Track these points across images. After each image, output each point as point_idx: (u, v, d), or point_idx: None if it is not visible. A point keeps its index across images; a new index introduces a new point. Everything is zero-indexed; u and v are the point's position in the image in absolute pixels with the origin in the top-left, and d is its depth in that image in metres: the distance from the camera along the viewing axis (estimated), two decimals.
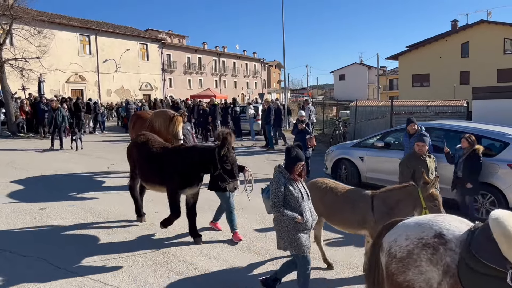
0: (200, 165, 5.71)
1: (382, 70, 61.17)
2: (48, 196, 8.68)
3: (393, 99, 16.04)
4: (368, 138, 9.76)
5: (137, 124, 9.83)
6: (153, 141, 6.40)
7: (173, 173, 5.80)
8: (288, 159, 4.23)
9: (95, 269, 5.18)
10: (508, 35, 32.61)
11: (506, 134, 7.43)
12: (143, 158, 6.32)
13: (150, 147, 6.26)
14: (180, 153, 5.95)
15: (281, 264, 4.83)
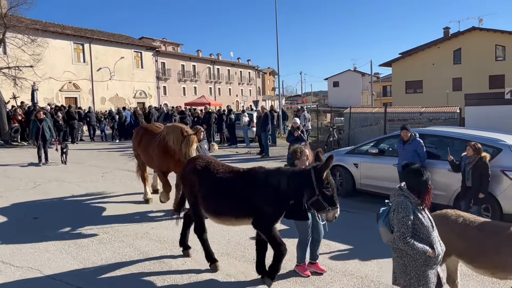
0: (294, 192, 4.64)
1: (375, 77, 61.57)
2: (41, 205, 8.61)
3: (386, 106, 16.14)
4: (362, 144, 9.80)
5: (145, 139, 8.49)
6: (215, 164, 5.26)
7: (264, 205, 4.70)
8: (420, 181, 3.57)
9: (89, 280, 5.12)
10: (499, 41, 32.99)
11: (498, 140, 7.48)
12: (210, 188, 5.08)
13: (216, 173, 5.08)
14: (267, 178, 4.76)
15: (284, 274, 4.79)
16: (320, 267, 5.39)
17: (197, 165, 5.32)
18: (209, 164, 5.26)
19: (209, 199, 5.10)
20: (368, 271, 5.41)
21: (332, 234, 5.78)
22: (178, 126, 7.51)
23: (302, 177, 4.57)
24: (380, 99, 54.14)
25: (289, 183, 4.62)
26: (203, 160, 5.40)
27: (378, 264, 5.61)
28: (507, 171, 6.99)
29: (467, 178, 6.92)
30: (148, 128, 9.00)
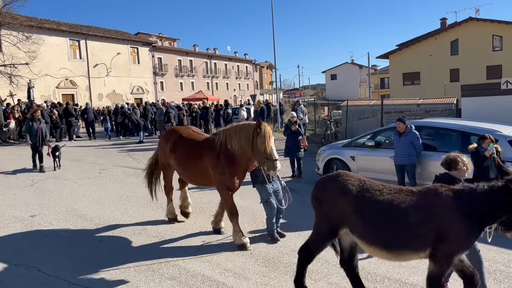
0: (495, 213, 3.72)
1: (373, 69, 61.43)
2: (38, 203, 8.61)
3: (383, 99, 16.12)
4: (359, 137, 9.80)
5: (181, 147, 6.53)
6: (371, 182, 4.19)
7: (456, 232, 3.69)
8: None
9: (86, 276, 5.13)
10: (496, 31, 32.92)
11: (495, 131, 7.49)
12: (374, 214, 3.93)
13: (380, 194, 3.97)
14: (459, 198, 3.72)
15: (274, 266, 4.80)
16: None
17: (350, 184, 4.12)
18: (362, 182, 4.14)
19: (367, 226, 3.96)
20: (365, 263, 5.43)
21: None
22: (245, 122, 6.08)
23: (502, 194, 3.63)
24: (377, 91, 54.12)
25: (490, 202, 3.67)
26: (353, 178, 4.22)
27: None
28: (505, 162, 7.01)
29: (492, 169, 6.82)
30: (183, 133, 6.74)
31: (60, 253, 5.92)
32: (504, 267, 5.37)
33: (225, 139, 5.94)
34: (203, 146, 6.28)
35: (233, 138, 5.84)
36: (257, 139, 5.55)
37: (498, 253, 5.85)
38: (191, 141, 6.51)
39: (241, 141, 5.73)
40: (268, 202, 6.14)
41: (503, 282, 4.94)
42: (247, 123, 5.96)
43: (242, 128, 5.83)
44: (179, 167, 6.63)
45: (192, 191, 9.51)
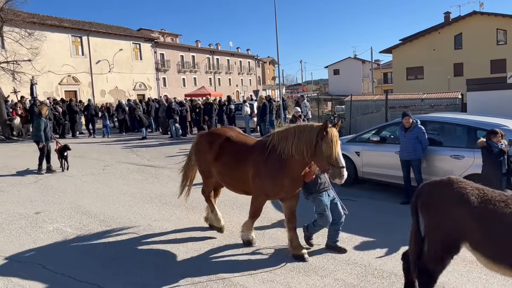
0: None
1: (376, 64, 61.20)
2: (42, 199, 8.61)
3: (387, 93, 16.01)
4: (363, 132, 9.73)
5: (228, 151, 5.77)
6: (487, 191, 3.65)
7: None
8: None
9: (92, 273, 5.12)
10: (500, 25, 32.69)
11: (501, 125, 7.40)
12: (502, 229, 3.41)
13: (500, 205, 3.47)
14: None
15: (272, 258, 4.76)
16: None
17: (465, 192, 3.61)
18: (483, 191, 3.63)
19: (503, 247, 3.41)
20: (371, 259, 5.39)
21: None
22: (302, 125, 5.32)
23: None
24: (381, 86, 53.89)
25: None
26: (470, 186, 3.69)
27: (381, 252, 5.59)
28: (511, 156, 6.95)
29: (503, 164, 6.74)
30: (232, 135, 5.95)
31: (65, 250, 5.91)
32: None
33: (277, 142, 5.23)
34: (251, 149, 5.57)
35: (288, 141, 5.09)
36: (322, 143, 4.81)
37: None
38: (240, 143, 5.78)
39: (301, 145, 4.97)
40: (323, 215, 5.51)
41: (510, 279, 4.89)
42: (308, 125, 5.15)
43: (303, 130, 5.06)
44: (225, 175, 5.83)
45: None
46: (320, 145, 4.82)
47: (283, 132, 5.27)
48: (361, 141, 9.29)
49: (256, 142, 5.74)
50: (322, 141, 4.80)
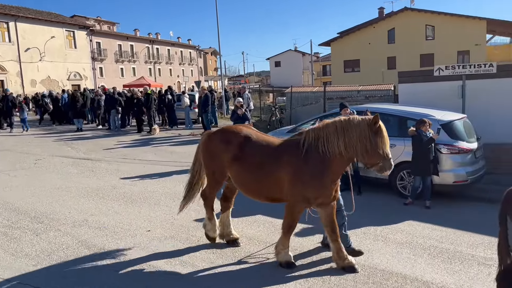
0: None
1: (315, 56, 62.73)
2: None
3: (325, 85, 16.55)
4: (303, 123, 9.95)
5: (252, 153, 5.06)
6: None
7: None
8: None
9: (23, 273, 4.83)
10: (429, 21, 34.69)
11: (429, 116, 7.89)
12: None
13: None
14: None
15: (222, 251, 4.78)
16: None
17: None
18: None
19: None
20: (310, 245, 5.57)
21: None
22: (342, 119, 4.67)
23: None
24: (320, 78, 55.41)
25: None
26: None
27: (321, 238, 5.78)
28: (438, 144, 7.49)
29: (431, 152, 7.32)
30: (252, 134, 5.23)
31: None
32: (437, 243, 5.72)
33: (315, 139, 4.68)
34: (282, 149, 4.92)
35: (335, 138, 4.57)
36: (376, 137, 4.50)
37: (432, 230, 6.23)
38: (265, 143, 5.08)
39: (353, 141, 4.52)
40: (340, 211, 5.29)
41: (437, 257, 5.27)
42: (353, 119, 4.63)
43: (351, 126, 4.56)
44: (245, 179, 5.12)
45: (147, 179, 9.28)
46: (373, 139, 4.50)
47: (321, 130, 4.69)
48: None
49: (285, 141, 5.08)
50: (376, 135, 4.51)
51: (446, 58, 29.42)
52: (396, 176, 7.84)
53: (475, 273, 4.84)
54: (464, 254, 5.35)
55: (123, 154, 12.52)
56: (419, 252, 5.41)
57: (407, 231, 6.15)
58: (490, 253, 5.40)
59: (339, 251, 4.86)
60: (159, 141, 15.08)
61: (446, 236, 6.02)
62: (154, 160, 11.61)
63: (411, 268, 4.92)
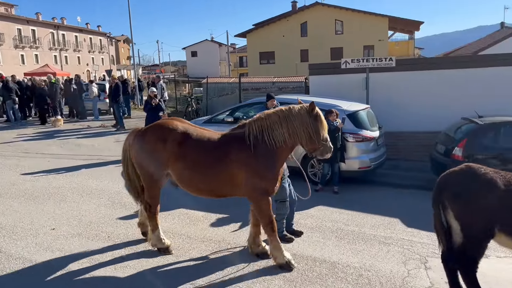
0: None
1: (232, 47, 62.85)
2: None
3: (241, 76, 16.69)
4: (218, 114, 9.97)
5: (194, 149, 4.78)
6: (501, 173, 3.85)
7: None
8: None
9: None
10: (338, 17, 36.47)
11: (336, 106, 8.34)
12: None
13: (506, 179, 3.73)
14: None
15: (140, 250, 4.63)
16: None
17: (492, 177, 3.74)
18: (500, 173, 3.81)
19: None
20: (225, 234, 5.61)
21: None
22: (285, 109, 4.72)
23: None
24: (237, 69, 55.68)
25: None
26: (491, 170, 3.84)
27: (235, 227, 5.85)
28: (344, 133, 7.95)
29: (338, 140, 7.70)
30: (190, 129, 4.93)
31: None
32: (344, 226, 6.10)
33: (261, 131, 4.62)
34: (227, 144, 4.73)
35: (279, 128, 4.60)
36: (316, 123, 4.65)
37: (340, 214, 6.62)
38: (207, 139, 4.82)
39: (298, 129, 4.61)
40: (285, 203, 5.42)
41: (343, 239, 5.61)
42: (292, 108, 4.69)
43: (292, 114, 4.63)
44: (192, 178, 4.80)
45: (37, 175, 8.63)
46: (314, 125, 4.65)
47: (263, 121, 4.67)
48: (216, 122, 9.50)
49: (228, 135, 4.85)
50: (316, 120, 4.66)
51: (353, 52, 31.24)
52: (307, 164, 8.19)
53: (376, 251, 5.24)
54: (367, 235, 5.77)
55: (24, 148, 11.52)
56: (327, 235, 5.73)
57: (317, 216, 6.47)
58: (390, 232, 5.91)
59: (256, 237, 4.97)
60: (66, 134, 14.12)
61: (352, 219, 6.44)
62: (60, 154, 10.85)
63: (320, 251, 5.19)
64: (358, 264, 4.84)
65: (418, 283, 4.43)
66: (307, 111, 4.63)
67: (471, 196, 3.72)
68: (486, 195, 3.66)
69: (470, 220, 3.72)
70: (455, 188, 3.81)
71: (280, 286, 4.31)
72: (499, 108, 9.14)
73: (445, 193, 3.85)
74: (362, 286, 4.34)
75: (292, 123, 4.61)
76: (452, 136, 8.37)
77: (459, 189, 3.79)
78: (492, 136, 7.99)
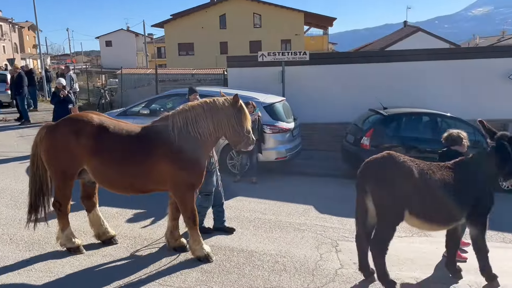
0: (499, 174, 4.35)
1: (149, 37, 60.88)
2: None
3: (157, 67, 16.34)
4: (133, 106, 9.64)
5: (111, 143, 4.52)
6: (417, 162, 4.28)
7: (484, 201, 4.27)
8: None
9: None
10: (256, 10, 36.90)
11: (254, 98, 8.46)
12: (427, 190, 4.11)
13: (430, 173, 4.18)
14: (480, 163, 4.32)
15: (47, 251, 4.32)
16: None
17: (408, 165, 4.12)
18: (415, 162, 4.24)
19: (433, 207, 4.15)
20: (141, 230, 5.47)
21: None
22: (209, 101, 4.65)
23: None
24: (155, 60, 54.08)
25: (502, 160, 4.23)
26: (408, 158, 4.25)
27: (149, 222, 5.73)
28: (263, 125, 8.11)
29: (255, 131, 7.72)
30: (107, 122, 4.64)
31: None
32: (261, 215, 6.25)
33: (186, 124, 4.51)
34: (152, 139, 4.52)
35: (204, 121, 4.52)
36: (240, 116, 4.62)
37: (258, 204, 6.77)
38: (126, 133, 4.56)
39: (222, 122, 4.57)
40: (209, 196, 5.36)
41: (261, 228, 5.76)
42: (216, 100, 4.63)
43: (216, 106, 4.58)
44: (110, 174, 4.53)
45: None
46: (238, 117, 4.61)
47: (187, 113, 4.55)
48: (131, 114, 9.16)
49: (149, 128, 4.64)
50: (239, 113, 4.61)
51: (271, 46, 31.86)
52: (226, 156, 8.24)
53: (291, 238, 5.45)
54: (283, 223, 5.97)
55: None
56: (245, 225, 5.83)
57: (236, 207, 6.55)
58: (304, 219, 6.18)
59: (173, 231, 4.90)
60: None
61: (269, 208, 6.62)
62: None
63: (238, 241, 5.27)
64: (274, 251, 4.99)
65: (329, 266, 4.69)
66: (231, 103, 4.61)
67: (388, 182, 4.05)
68: (402, 182, 4.02)
69: (385, 204, 4.05)
70: (375, 174, 4.13)
71: (198, 278, 4.31)
72: (405, 100, 9.97)
73: (366, 179, 4.15)
74: (278, 272, 4.49)
75: (217, 115, 4.56)
76: (360, 127, 8.94)
77: (378, 175, 4.10)
78: (395, 126, 8.68)
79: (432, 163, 4.32)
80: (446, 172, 4.20)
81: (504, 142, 4.19)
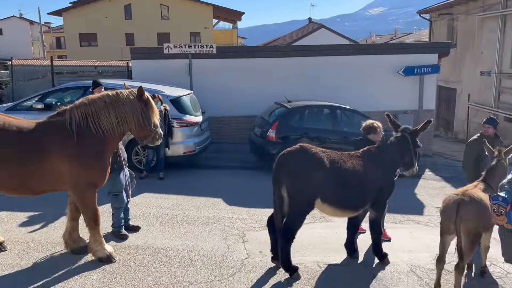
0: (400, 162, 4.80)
1: (47, 26, 56.33)
2: None
3: (53, 59, 15.18)
4: (25, 99, 8.86)
5: (4, 142, 4.06)
6: (329, 152, 4.53)
7: (388, 187, 4.72)
8: None
9: None
10: (163, 1, 35.93)
11: (160, 91, 8.24)
12: (338, 178, 4.36)
13: (341, 162, 4.44)
14: (385, 152, 4.70)
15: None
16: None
17: (320, 156, 4.35)
18: (327, 153, 4.49)
19: (342, 194, 4.41)
20: (34, 234, 5.05)
21: None
22: (112, 94, 4.37)
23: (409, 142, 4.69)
24: (54, 51, 50.18)
25: (402, 150, 4.71)
26: (319, 149, 4.47)
27: (42, 225, 5.32)
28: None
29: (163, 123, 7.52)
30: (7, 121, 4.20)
31: None
32: (169, 211, 6.14)
33: (85, 118, 4.20)
34: (47, 135, 4.15)
35: (106, 115, 4.24)
36: (147, 109, 4.42)
37: (165, 199, 6.63)
38: (17, 129, 4.13)
39: (127, 116, 4.33)
40: (119, 196, 5.03)
41: (167, 223, 5.64)
42: (119, 92, 4.37)
43: (120, 99, 4.32)
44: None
45: None
46: (145, 111, 4.41)
47: (87, 107, 4.24)
48: (22, 109, 8.40)
49: (44, 124, 4.27)
50: (146, 106, 4.43)
51: (180, 38, 31.22)
52: (131, 152, 7.93)
53: (199, 232, 5.43)
54: (191, 217, 5.92)
55: None
56: (151, 221, 5.68)
57: (141, 204, 6.36)
58: (212, 212, 6.19)
59: (72, 232, 4.62)
60: None
61: (177, 203, 6.52)
62: None
63: (143, 238, 5.11)
64: (181, 247, 4.93)
65: (236, 256, 4.76)
66: (136, 96, 4.40)
67: (301, 172, 4.24)
68: (313, 172, 4.24)
69: (298, 194, 4.24)
70: (288, 165, 4.29)
71: (99, 280, 4.09)
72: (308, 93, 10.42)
73: (281, 170, 4.30)
74: (185, 267, 4.44)
75: (121, 109, 4.32)
76: (267, 119, 9.18)
77: (291, 167, 4.27)
78: (298, 118, 9.06)
79: (343, 153, 4.60)
80: (356, 161, 4.52)
81: (406, 134, 4.65)
